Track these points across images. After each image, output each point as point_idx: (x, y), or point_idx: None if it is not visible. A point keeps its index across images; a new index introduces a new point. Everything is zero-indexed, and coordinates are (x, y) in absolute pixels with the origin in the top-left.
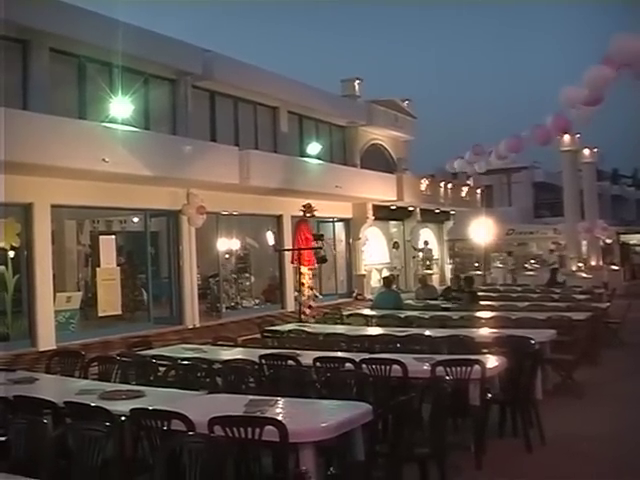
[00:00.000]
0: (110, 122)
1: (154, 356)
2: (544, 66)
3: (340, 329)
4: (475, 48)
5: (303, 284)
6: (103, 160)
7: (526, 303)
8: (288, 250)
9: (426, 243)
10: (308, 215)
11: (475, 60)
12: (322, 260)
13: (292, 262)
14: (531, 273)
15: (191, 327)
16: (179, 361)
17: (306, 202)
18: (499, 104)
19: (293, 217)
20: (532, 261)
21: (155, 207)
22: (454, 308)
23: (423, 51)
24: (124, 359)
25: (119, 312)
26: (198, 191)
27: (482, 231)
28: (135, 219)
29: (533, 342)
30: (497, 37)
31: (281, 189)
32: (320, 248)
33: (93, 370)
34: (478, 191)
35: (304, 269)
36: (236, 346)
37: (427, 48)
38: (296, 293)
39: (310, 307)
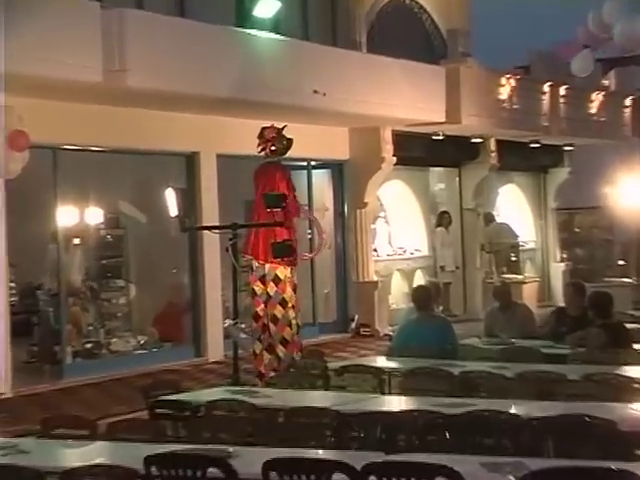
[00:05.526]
0: None
1: None
2: None
3: (322, 399)
4: None
5: (285, 302)
6: None
7: None
8: (210, 229)
9: (488, 217)
10: (276, 148)
11: None
12: (283, 251)
13: (251, 254)
14: None
15: None
16: None
17: (268, 125)
18: None
19: (221, 157)
20: None
21: None
22: (572, 356)
23: None
24: None
25: None
26: (12, 99)
27: (637, 191)
28: None
29: None
30: None
31: (195, 97)
32: (280, 224)
33: None
34: (627, 102)
35: (282, 271)
36: (95, 438)
37: None
38: (229, 322)
39: (302, 349)
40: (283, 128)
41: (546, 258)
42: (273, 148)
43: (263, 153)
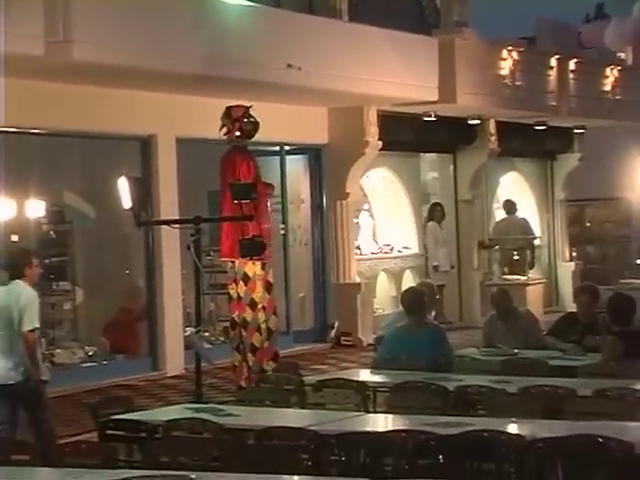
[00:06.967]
0: None
1: None
2: None
3: (298, 418)
4: None
5: (255, 304)
6: None
7: None
8: (169, 223)
9: (509, 206)
10: (243, 130)
11: None
12: (253, 249)
13: (227, 255)
14: None
15: None
16: None
17: (234, 104)
18: None
19: (181, 141)
20: None
21: None
22: (582, 368)
23: None
24: None
25: None
26: None
27: None
28: None
29: None
30: None
31: (152, 72)
32: (248, 218)
33: None
34: None
35: (250, 268)
36: (37, 464)
37: None
38: (190, 330)
39: (275, 358)
40: (249, 107)
41: (553, 257)
42: (240, 129)
43: (227, 136)
